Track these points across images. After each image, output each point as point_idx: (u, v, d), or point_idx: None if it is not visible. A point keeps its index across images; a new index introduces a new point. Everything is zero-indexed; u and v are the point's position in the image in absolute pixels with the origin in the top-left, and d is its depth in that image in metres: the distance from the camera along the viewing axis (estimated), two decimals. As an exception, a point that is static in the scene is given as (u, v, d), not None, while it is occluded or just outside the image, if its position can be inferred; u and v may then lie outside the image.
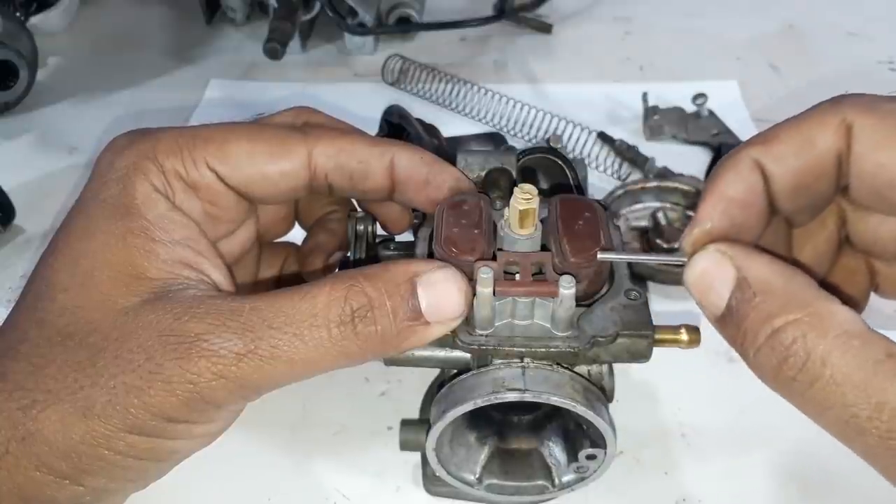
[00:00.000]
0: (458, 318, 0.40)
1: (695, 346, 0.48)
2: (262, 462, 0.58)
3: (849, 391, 0.33)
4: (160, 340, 0.38)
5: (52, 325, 0.40)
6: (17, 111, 0.93)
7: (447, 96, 0.93)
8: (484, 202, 0.45)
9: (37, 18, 1.03)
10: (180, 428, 0.39)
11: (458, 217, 0.44)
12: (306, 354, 0.38)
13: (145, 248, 0.41)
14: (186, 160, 0.44)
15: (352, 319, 0.38)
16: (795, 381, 0.34)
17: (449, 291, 0.40)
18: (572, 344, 0.43)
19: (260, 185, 0.46)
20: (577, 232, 0.43)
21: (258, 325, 0.38)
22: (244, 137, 0.45)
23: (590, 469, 0.50)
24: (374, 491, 0.57)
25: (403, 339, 0.39)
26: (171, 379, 0.37)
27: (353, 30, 0.98)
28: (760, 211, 0.40)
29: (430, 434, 0.47)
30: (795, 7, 1.09)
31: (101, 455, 0.38)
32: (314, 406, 0.62)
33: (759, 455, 0.58)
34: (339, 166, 0.47)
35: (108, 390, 0.37)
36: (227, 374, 0.37)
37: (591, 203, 0.45)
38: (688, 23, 1.07)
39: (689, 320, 0.49)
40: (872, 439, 0.33)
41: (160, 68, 1.01)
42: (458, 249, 0.42)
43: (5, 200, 0.76)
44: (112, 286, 0.40)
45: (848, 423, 0.33)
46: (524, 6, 1.07)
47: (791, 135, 0.40)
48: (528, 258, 0.43)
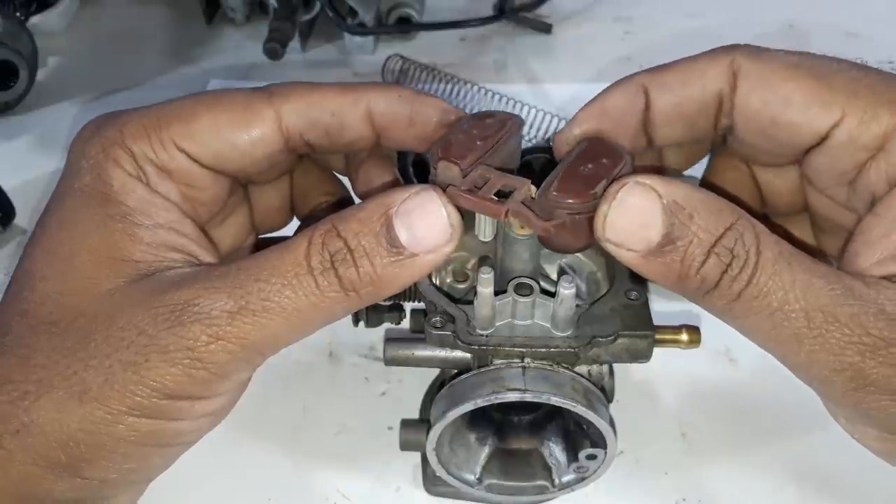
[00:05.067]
0: (448, 242, 0.37)
1: (695, 347, 0.48)
2: (262, 462, 0.58)
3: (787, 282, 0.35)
4: (150, 313, 0.37)
5: (34, 314, 0.39)
6: (17, 111, 0.92)
7: (447, 96, 0.93)
8: (511, 122, 0.43)
9: (37, 18, 1.03)
10: (182, 406, 0.38)
11: (473, 126, 0.42)
12: (298, 303, 0.37)
13: (127, 231, 0.40)
14: (154, 143, 0.42)
15: (332, 265, 0.37)
16: (737, 282, 0.35)
17: (428, 217, 0.37)
18: (573, 344, 0.43)
19: (232, 158, 0.43)
20: (579, 171, 0.39)
21: (246, 282, 0.37)
22: (206, 110, 0.43)
23: (590, 469, 0.50)
24: (374, 491, 0.57)
25: (392, 276, 0.37)
26: (167, 348, 0.36)
27: (353, 30, 0.98)
28: (633, 129, 0.43)
29: (431, 434, 0.47)
30: (795, 7, 1.09)
31: (101, 442, 0.37)
32: (314, 406, 0.62)
33: (759, 455, 0.58)
34: (312, 123, 0.44)
35: (104, 370, 0.36)
36: (224, 335, 0.36)
37: (621, 154, 0.40)
38: (688, 23, 1.06)
39: (689, 320, 0.50)
40: (810, 342, 0.35)
41: (160, 68, 1.00)
42: (448, 153, 0.39)
43: (5, 200, 0.76)
44: (94, 270, 0.39)
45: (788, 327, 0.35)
46: (524, 6, 1.07)
47: (682, 67, 0.43)
48: (505, 179, 0.39)
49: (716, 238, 0.35)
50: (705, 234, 0.35)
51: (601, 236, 0.37)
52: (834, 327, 0.35)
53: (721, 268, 0.35)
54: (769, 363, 0.63)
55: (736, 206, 0.37)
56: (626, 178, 0.37)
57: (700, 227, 0.35)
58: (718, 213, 0.36)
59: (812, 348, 0.35)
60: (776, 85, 0.41)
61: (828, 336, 0.35)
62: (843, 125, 0.39)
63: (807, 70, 0.40)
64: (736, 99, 0.42)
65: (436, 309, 0.45)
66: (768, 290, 0.35)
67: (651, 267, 0.36)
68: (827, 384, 0.37)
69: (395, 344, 0.49)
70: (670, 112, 0.43)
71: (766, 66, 0.41)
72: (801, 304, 0.35)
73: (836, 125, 0.40)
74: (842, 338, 0.35)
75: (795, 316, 0.35)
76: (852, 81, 0.40)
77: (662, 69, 0.43)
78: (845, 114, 0.39)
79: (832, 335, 0.35)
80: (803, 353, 0.36)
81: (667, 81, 0.43)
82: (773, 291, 0.35)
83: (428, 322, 0.44)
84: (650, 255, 0.36)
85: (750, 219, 0.36)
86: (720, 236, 0.35)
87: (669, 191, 0.36)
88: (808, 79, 0.40)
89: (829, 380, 0.36)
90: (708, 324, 0.54)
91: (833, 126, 0.40)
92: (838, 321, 0.35)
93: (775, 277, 0.35)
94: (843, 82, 0.40)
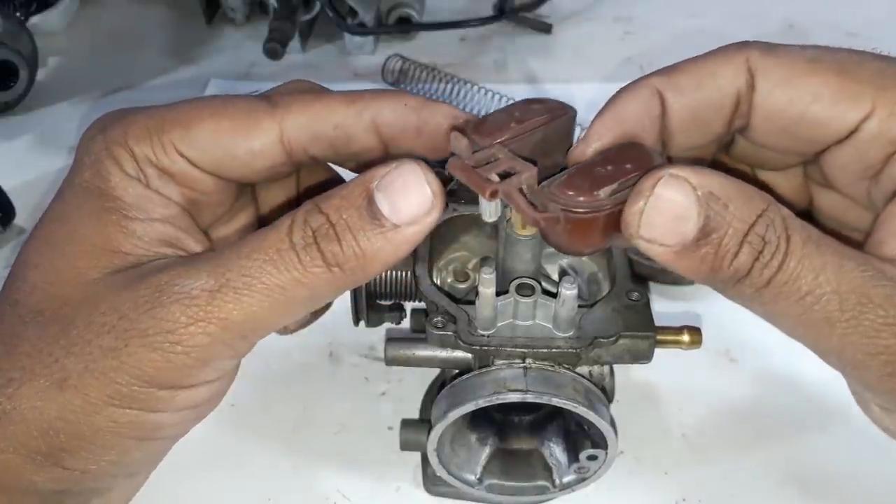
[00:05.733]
0: (429, 212, 0.36)
1: (696, 347, 0.48)
2: (262, 462, 0.58)
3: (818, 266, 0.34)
4: (131, 297, 0.36)
5: (24, 303, 0.38)
6: (17, 111, 0.92)
7: (447, 96, 0.93)
8: (559, 112, 0.41)
9: (37, 18, 1.03)
10: (163, 395, 0.37)
11: (517, 108, 0.40)
12: (281, 279, 0.36)
13: (120, 224, 0.39)
14: (156, 146, 0.41)
15: (314, 240, 0.36)
16: (767, 269, 0.34)
17: (409, 188, 0.36)
18: (574, 345, 0.43)
19: (232, 167, 0.43)
20: (595, 171, 0.37)
21: (228, 260, 0.36)
22: (208, 116, 0.42)
23: (590, 469, 0.50)
24: (374, 491, 0.57)
25: (376, 249, 0.36)
26: (146, 332, 0.35)
27: (353, 30, 0.98)
28: (652, 138, 0.40)
29: (432, 434, 0.47)
30: (795, 7, 1.09)
31: (80, 432, 0.36)
32: (314, 406, 0.62)
33: (759, 455, 0.58)
34: (316, 136, 0.42)
35: (84, 357, 0.36)
36: (204, 315, 0.35)
37: (651, 160, 0.37)
38: (688, 23, 1.06)
39: (690, 321, 0.50)
40: (843, 325, 0.34)
41: (160, 68, 1.00)
42: (478, 129, 0.39)
43: (5, 200, 0.76)
44: (84, 260, 0.39)
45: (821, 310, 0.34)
46: (524, 6, 1.07)
47: (695, 68, 0.41)
48: (513, 161, 0.37)
49: (749, 226, 0.34)
50: (739, 223, 0.34)
51: (634, 233, 0.35)
52: (868, 309, 0.34)
53: (753, 256, 0.34)
54: (769, 364, 0.64)
55: (763, 192, 0.35)
56: (657, 170, 0.35)
57: (735, 217, 0.34)
58: (750, 200, 0.35)
59: (845, 331, 0.34)
60: (800, 81, 0.39)
61: (861, 318, 0.34)
62: (873, 118, 0.38)
63: (829, 64, 0.39)
64: (755, 98, 0.40)
65: (437, 309, 0.45)
66: (798, 275, 0.34)
67: (684, 262, 0.35)
68: (861, 368, 0.36)
69: (395, 344, 0.49)
70: (688, 116, 0.41)
71: (786, 62, 0.40)
72: (833, 287, 0.34)
73: (866, 118, 0.38)
74: (876, 319, 0.34)
75: (827, 299, 0.34)
76: (878, 73, 0.39)
77: (674, 71, 0.41)
78: (875, 106, 0.38)
79: (866, 317, 0.34)
80: (835, 336, 0.35)
81: (681, 84, 0.40)
82: (804, 275, 0.34)
83: (429, 322, 0.44)
84: (684, 251, 0.35)
85: (777, 203, 0.36)
86: (752, 224, 0.34)
87: (704, 181, 0.34)
88: (832, 73, 0.39)
89: (864, 364, 0.35)
90: (709, 325, 0.54)
91: (863, 119, 0.38)
92: (872, 302, 0.34)
93: (805, 261, 0.34)
94: (868, 74, 0.39)
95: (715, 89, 0.40)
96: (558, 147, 0.41)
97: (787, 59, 0.40)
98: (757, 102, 0.40)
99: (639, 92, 0.40)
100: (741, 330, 0.63)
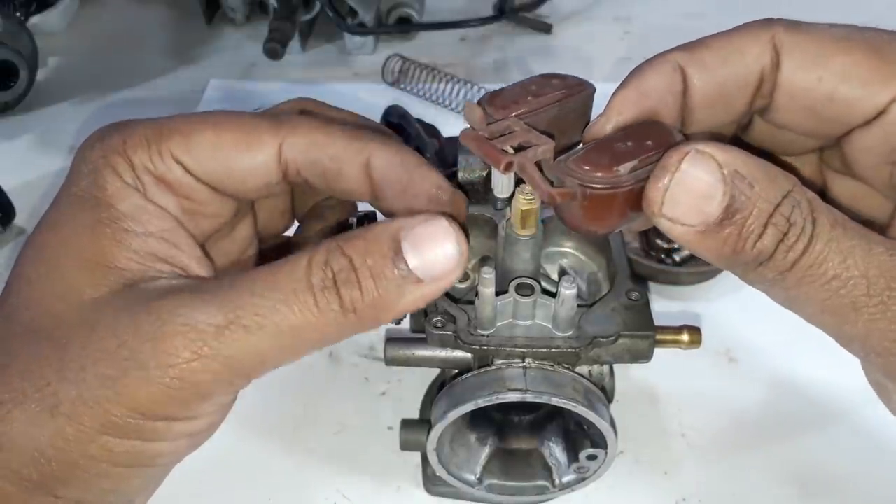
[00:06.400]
0: (455, 271, 0.36)
1: (696, 347, 0.48)
2: (262, 462, 0.58)
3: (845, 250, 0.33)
4: (132, 323, 0.35)
5: (17, 320, 0.37)
6: (17, 111, 0.92)
7: (447, 96, 0.93)
8: (579, 86, 0.40)
9: (37, 18, 1.03)
10: (159, 426, 0.35)
11: (534, 82, 0.39)
12: (294, 321, 0.34)
13: (115, 237, 0.38)
14: (153, 153, 0.40)
15: (334, 283, 0.35)
16: (792, 252, 0.33)
17: (437, 243, 0.35)
18: (574, 344, 0.43)
19: (227, 181, 0.42)
20: (614, 146, 0.35)
21: (240, 295, 0.35)
22: (210, 127, 0.41)
23: (590, 469, 0.50)
24: (374, 491, 0.57)
25: (394, 299, 0.35)
26: (146, 364, 0.34)
27: (353, 30, 0.98)
28: (674, 115, 0.39)
29: (432, 434, 0.47)
30: (795, 7, 1.08)
31: (73, 460, 0.35)
32: (314, 406, 0.62)
33: (759, 455, 0.58)
34: (311, 162, 0.42)
35: (78, 384, 0.34)
36: (209, 352, 0.34)
37: (672, 138, 0.36)
38: (688, 23, 1.06)
39: (689, 321, 0.50)
40: (870, 310, 0.33)
41: (160, 68, 1.00)
42: (492, 100, 0.37)
43: (5, 200, 0.76)
44: (78, 276, 0.37)
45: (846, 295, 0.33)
46: (524, 6, 1.07)
47: (720, 44, 0.39)
48: (529, 134, 0.36)
49: (775, 207, 0.33)
50: (765, 203, 0.33)
51: (657, 211, 0.34)
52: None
53: (778, 238, 0.33)
54: (769, 364, 0.64)
55: (788, 172, 0.34)
56: (683, 146, 0.33)
57: (760, 197, 0.33)
58: (775, 180, 0.33)
59: (872, 317, 0.33)
60: (828, 60, 0.38)
61: (890, 303, 0.33)
62: None
63: (859, 43, 0.38)
64: (780, 77, 0.38)
65: (436, 309, 0.45)
66: (825, 258, 0.33)
67: (706, 243, 0.34)
68: (886, 356, 0.34)
69: (395, 344, 0.49)
70: (711, 93, 0.39)
71: (813, 40, 0.38)
72: (861, 270, 0.33)
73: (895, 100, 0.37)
74: None
75: (854, 283, 0.33)
76: None
77: (698, 46, 0.39)
78: None
79: (894, 302, 0.33)
80: (861, 322, 0.33)
81: (705, 60, 0.39)
82: (831, 258, 0.33)
83: (429, 322, 0.44)
84: (707, 231, 0.33)
85: (801, 184, 0.34)
86: (778, 204, 0.33)
87: (729, 159, 0.33)
88: (862, 52, 0.37)
89: (890, 351, 0.34)
90: (708, 325, 0.54)
91: (893, 100, 0.37)
92: None
93: (832, 244, 0.33)
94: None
95: (741, 66, 0.39)
96: (575, 124, 0.40)
97: (815, 36, 0.38)
98: (782, 81, 0.39)
99: (661, 67, 0.38)
100: (741, 330, 0.64)
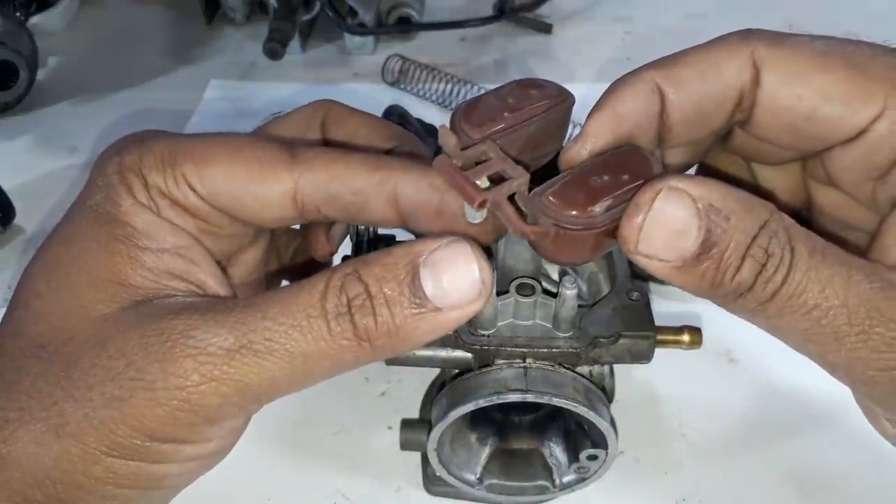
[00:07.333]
0: (477, 299, 0.34)
1: (696, 347, 0.48)
2: (262, 462, 0.58)
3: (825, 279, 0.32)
4: (141, 342, 0.34)
5: (25, 335, 0.36)
6: (17, 111, 0.92)
7: (447, 96, 0.93)
8: (558, 97, 0.38)
9: (37, 18, 1.03)
10: (166, 448, 0.35)
11: (511, 93, 0.37)
12: (306, 347, 0.34)
13: (130, 254, 0.37)
14: (168, 177, 0.39)
15: (348, 310, 0.34)
16: (771, 283, 0.32)
17: (457, 270, 0.34)
18: (574, 344, 0.43)
19: (241, 211, 0.41)
20: (589, 181, 0.34)
21: (252, 319, 0.34)
22: (225, 156, 0.40)
23: (591, 469, 0.50)
24: (374, 491, 0.56)
25: (411, 329, 0.34)
26: (153, 385, 0.33)
27: (353, 30, 0.98)
28: (651, 136, 0.38)
29: (432, 434, 0.47)
30: (795, 7, 1.09)
31: (78, 482, 0.34)
32: (314, 406, 0.62)
33: (759, 455, 0.58)
34: (332, 198, 0.40)
35: (84, 403, 0.34)
36: (219, 376, 0.33)
37: (650, 171, 0.35)
38: (689, 23, 1.06)
39: (690, 321, 0.50)
40: (851, 339, 0.32)
41: (160, 68, 1.00)
42: (468, 117, 0.36)
43: (5, 200, 0.76)
44: (90, 292, 0.36)
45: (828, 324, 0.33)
46: (524, 6, 1.07)
47: (697, 60, 0.38)
48: (505, 164, 0.35)
49: (752, 239, 0.32)
50: (742, 235, 0.32)
51: (632, 249, 0.33)
52: (878, 322, 0.32)
53: (756, 269, 0.32)
54: (769, 364, 0.64)
55: (765, 200, 0.34)
56: (655, 182, 0.33)
57: (736, 230, 0.32)
58: (752, 210, 0.33)
59: (854, 346, 0.33)
60: (809, 77, 0.37)
61: (871, 332, 0.32)
62: (884, 118, 0.36)
63: (839, 58, 0.37)
64: (760, 93, 0.38)
65: (437, 309, 0.45)
66: (804, 288, 0.32)
67: (684, 277, 0.33)
68: (871, 385, 0.34)
69: (395, 344, 0.49)
70: (688, 112, 0.38)
71: (794, 56, 0.37)
72: (841, 300, 0.32)
73: (877, 118, 0.36)
74: (886, 333, 0.32)
75: (835, 313, 0.32)
76: (891, 68, 0.36)
77: (674, 63, 0.38)
78: (887, 105, 0.36)
79: (875, 331, 0.32)
80: (844, 351, 0.33)
81: (682, 77, 0.38)
82: (810, 288, 0.32)
83: (429, 322, 0.44)
84: (684, 266, 0.33)
85: (779, 211, 0.34)
86: (755, 236, 0.32)
87: (703, 192, 0.32)
88: (843, 69, 0.36)
89: (874, 380, 0.34)
90: (709, 325, 0.54)
91: (873, 120, 0.36)
92: (882, 315, 0.32)
93: (811, 273, 0.32)
94: (881, 71, 0.36)
95: (719, 83, 0.38)
96: (554, 136, 0.39)
97: (795, 52, 0.37)
98: (761, 98, 0.38)
99: (637, 87, 0.38)
100: (741, 331, 0.62)
